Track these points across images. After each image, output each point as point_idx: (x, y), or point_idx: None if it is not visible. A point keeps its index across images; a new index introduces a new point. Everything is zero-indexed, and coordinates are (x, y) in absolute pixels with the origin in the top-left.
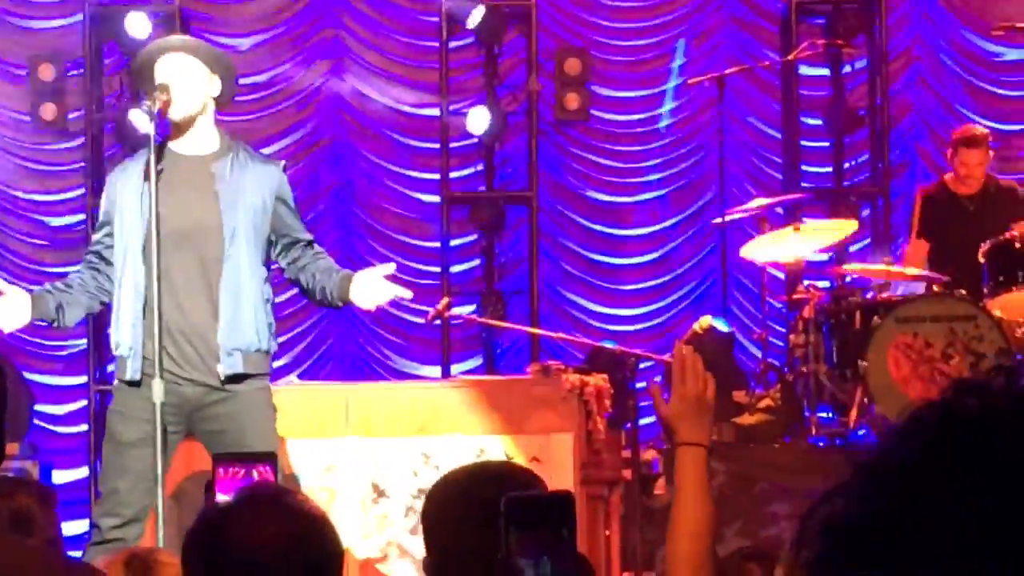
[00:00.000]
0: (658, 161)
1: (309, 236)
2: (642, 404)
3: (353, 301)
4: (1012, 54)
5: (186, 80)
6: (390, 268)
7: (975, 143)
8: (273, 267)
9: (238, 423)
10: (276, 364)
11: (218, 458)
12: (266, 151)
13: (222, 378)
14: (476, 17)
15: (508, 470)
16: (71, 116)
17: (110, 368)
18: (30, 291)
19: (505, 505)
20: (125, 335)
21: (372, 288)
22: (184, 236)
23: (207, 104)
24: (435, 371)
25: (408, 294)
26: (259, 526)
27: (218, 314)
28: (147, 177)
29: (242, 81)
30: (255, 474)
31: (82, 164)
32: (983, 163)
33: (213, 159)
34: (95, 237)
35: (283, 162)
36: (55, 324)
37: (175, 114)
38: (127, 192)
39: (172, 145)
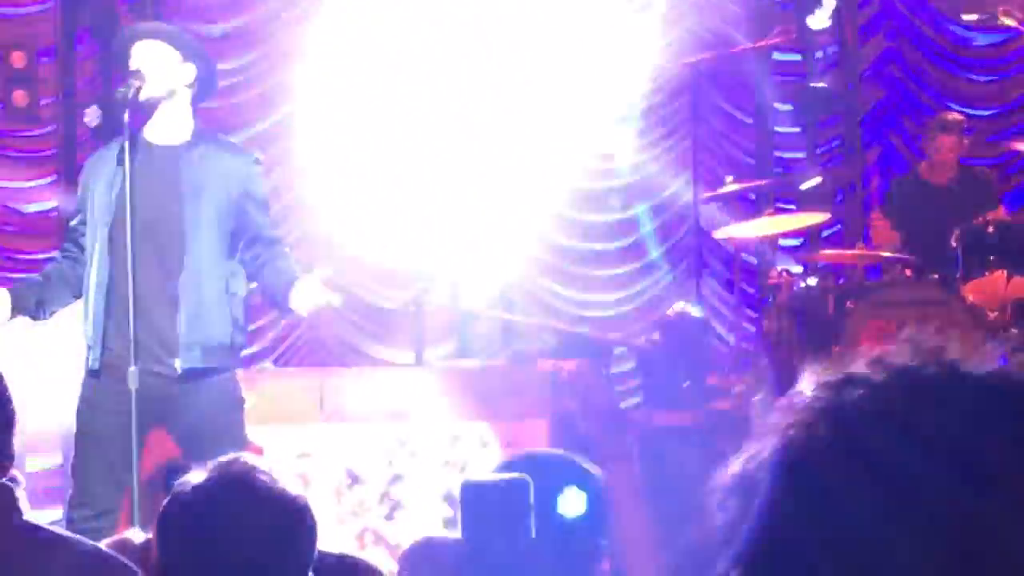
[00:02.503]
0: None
1: (274, 234)
2: (617, 389)
3: (293, 310)
4: (982, 39)
5: (154, 65)
6: (327, 272)
7: (950, 129)
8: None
9: (203, 415)
10: (251, 350)
11: (171, 470)
12: (244, 134)
13: (179, 372)
14: None
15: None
16: (43, 103)
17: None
18: (8, 285)
19: (461, 491)
20: (88, 325)
21: (307, 294)
22: (147, 227)
23: (177, 91)
24: (409, 357)
25: (338, 301)
26: (232, 506)
27: (176, 307)
28: (120, 163)
29: (220, 67)
30: None
31: (54, 151)
32: (956, 149)
33: (182, 150)
34: (71, 224)
35: (256, 155)
36: (36, 319)
37: (152, 92)
38: (98, 180)
39: (145, 133)
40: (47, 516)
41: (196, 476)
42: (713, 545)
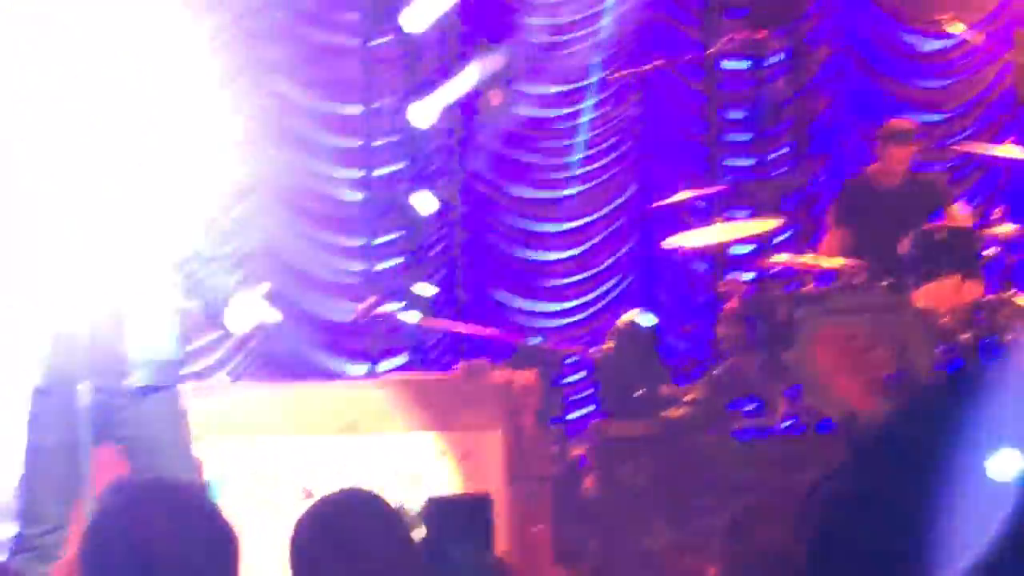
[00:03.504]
0: (580, 156)
1: (212, 251)
2: (570, 399)
3: (228, 325)
4: (930, 44)
5: None
6: (265, 287)
7: (904, 139)
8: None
9: (149, 429)
10: (206, 362)
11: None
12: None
13: (132, 390)
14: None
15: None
16: None
17: None
18: None
19: (424, 508)
20: (38, 340)
21: (244, 311)
22: None
23: None
24: (362, 369)
25: (277, 317)
26: (147, 517)
27: (123, 325)
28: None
29: None
30: None
31: None
32: (907, 159)
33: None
34: None
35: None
36: None
37: None
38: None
39: None
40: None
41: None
42: None
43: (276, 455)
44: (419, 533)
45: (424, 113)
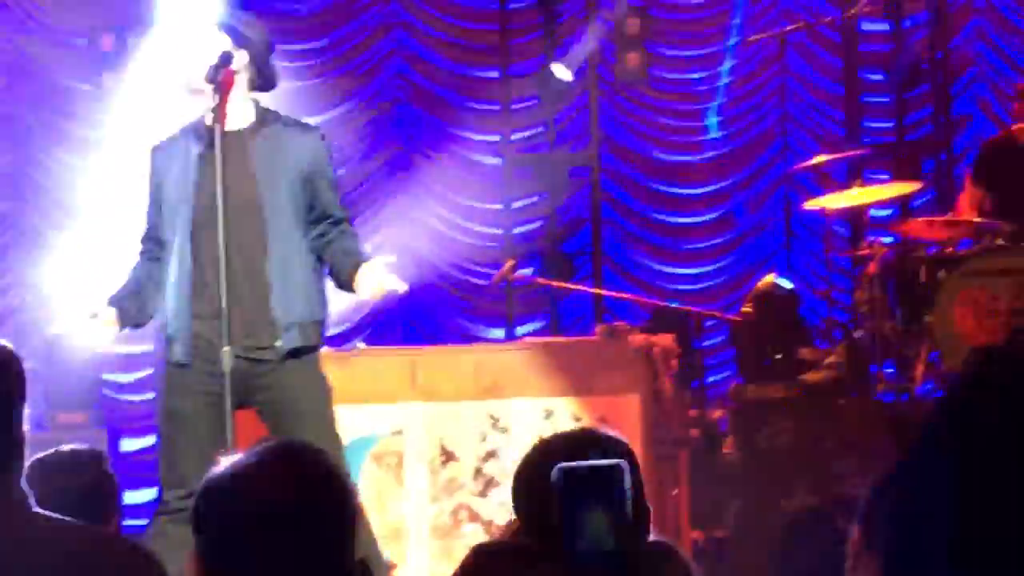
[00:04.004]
0: (719, 119)
1: (342, 213)
2: (708, 363)
3: (356, 292)
4: None
5: (206, 54)
6: (391, 259)
7: None
8: None
9: (290, 394)
10: (340, 329)
11: None
12: (327, 116)
13: (282, 353)
14: None
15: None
16: None
17: None
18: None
19: (556, 476)
20: (172, 316)
21: (371, 279)
22: (227, 214)
23: (236, 79)
24: (499, 333)
25: (403, 288)
26: (269, 480)
27: (267, 289)
28: (191, 150)
29: (301, 46)
30: None
31: None
32: None
33: (249, 134)
34: (146, 220)
35: (321, 130)
36: (140, 327)
37: (184, 88)
38: (171, 172)
39: (208, 122)
40: (141, 496)
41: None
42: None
43: (414, 419)
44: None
45: (564, 71)
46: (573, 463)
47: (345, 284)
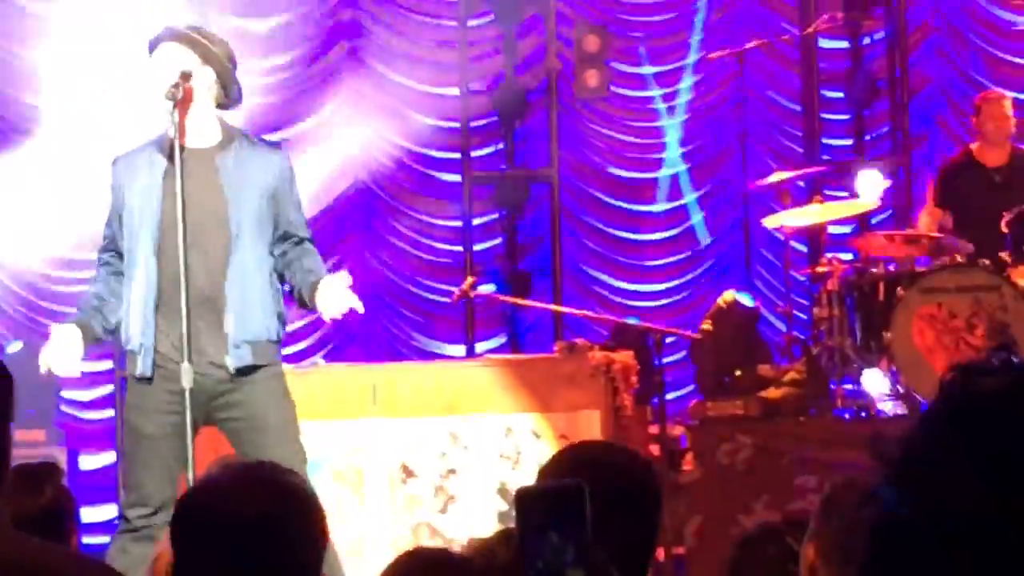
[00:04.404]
0: (678, 136)
1: (305, 233)
2: (668, 380)
3: (316, 310)
4: None
5: (170, 70)
6: (345, 278)
7: (996, 97)
8: None
9: (254, 411)
10: (301, 346)
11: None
12: (285, 133)
13: (231, 370)
14: None
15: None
16: None
17: None
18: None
19: (516, 499)
20: (135, 331)
21: (331, 296)
22: (193, 230)
23: (203, 96)
24: (459, 350)
25: (360, 307)
26: (239, 498)
27: (224, 306)
28: (170, 159)
29: (260, 63)
30: None
31: None
32: (1008, 117)
33: (216, 151)
34: (107, 232)
35: (284, 150)
36: (102, 342)
37: (206, 104)
38: (135, 186)
39: (173, 138)
40: (100, 514)
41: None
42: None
43: (374, 436)
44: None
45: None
46: (532, 486)
47: (306, 302)
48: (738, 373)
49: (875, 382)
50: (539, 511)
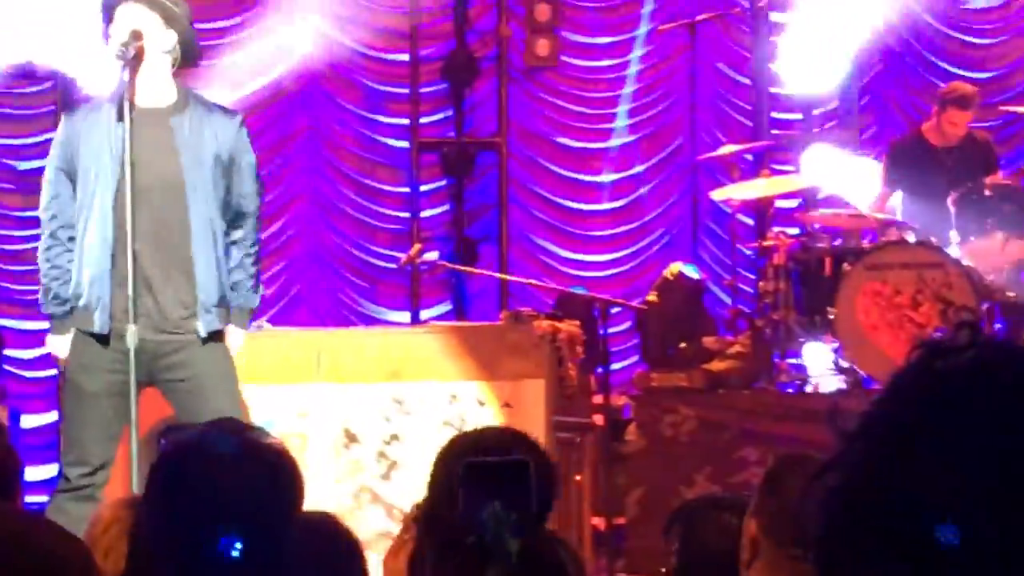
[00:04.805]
0: (627, 107)
1: (252, 206)
2: (613, 350)
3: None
4: (977, 1)
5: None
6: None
7: (967, 104)
8: None
9: (199, 371)
10: None
11: (168, 431)
12: (235, 96)
13: (202, 335)
14: None
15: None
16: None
17: None
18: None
19: (462, 471)
20: (89, 285)
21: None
22: (147, 191)
23: (162, 57)
24: (404, 317)
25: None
26: (220, 457)
27: (191, 270)
28: (120, 118)
29: (211, 26)
30: None
31: (52, 108)
32: (966, 128)
33: (171, 112)
34: (53, 192)
35: (241, 115)
36: None
37: (160, 60)
38: (93, 142)
39: (123, 96)
40: (40, 474)
41: (187, 432)
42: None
43: (319, 401)
44: None
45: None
46: (479, 459)
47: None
48: (683, 345)
49: (816, 356)
50: (484, 483)
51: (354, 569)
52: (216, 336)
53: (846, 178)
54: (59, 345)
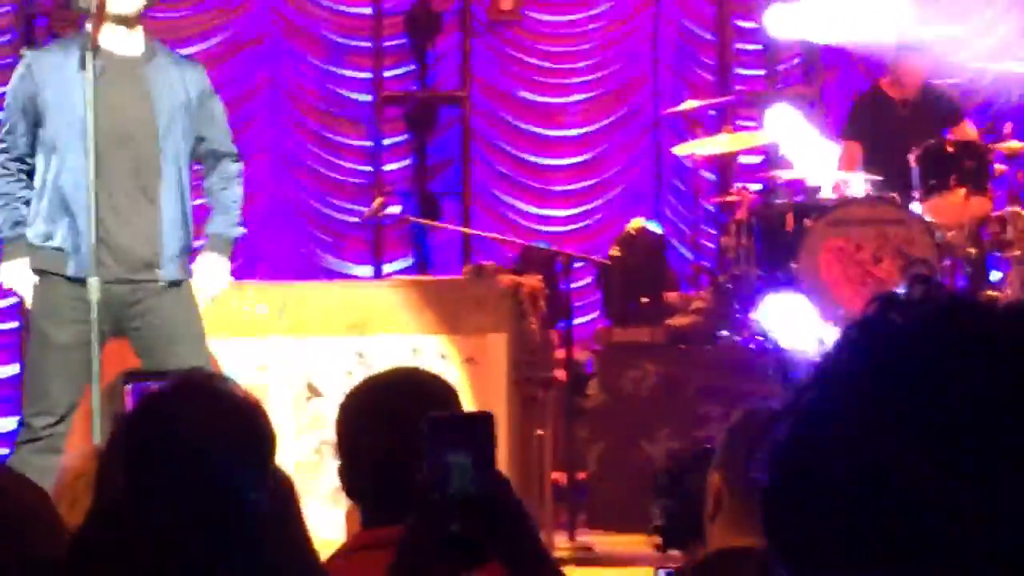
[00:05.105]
0: (591, 62)
1: (230, 149)
2: (575, 305)
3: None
4: None
5: None
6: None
7: (921, 52)
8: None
9: (166, 320)
10: None
11: (129, 376)
12: (195, 49)
13: (164, 283)
14: None
15: (423, 380)
16: (2, 10)
17: None
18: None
19: (425, 425)
20: (62, 230)
21: (209, 274)
22: (119, 137)
23: (131, 8)
24: (367, 271)
25: (207, 303)
26: (193, 410)
27: (159, 217)
28: (83, 67)
29: None
30: None
31: (13, 60)
32: (924, 71)
33: (141, 61)
34: (14, 134)
35: (202, 66)
36: None
37: (122, 8)
38: (57, 87)
39: (100, 42)
40: (2, 425)
41: (157, 385)
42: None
43: (281, 354)
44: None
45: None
46: (441, 413)
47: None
48: (645, 300)
49: (776, 311)
50: (446, 436)
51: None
52: (183, 286)
53: (805, 141)
54: (9, 274)
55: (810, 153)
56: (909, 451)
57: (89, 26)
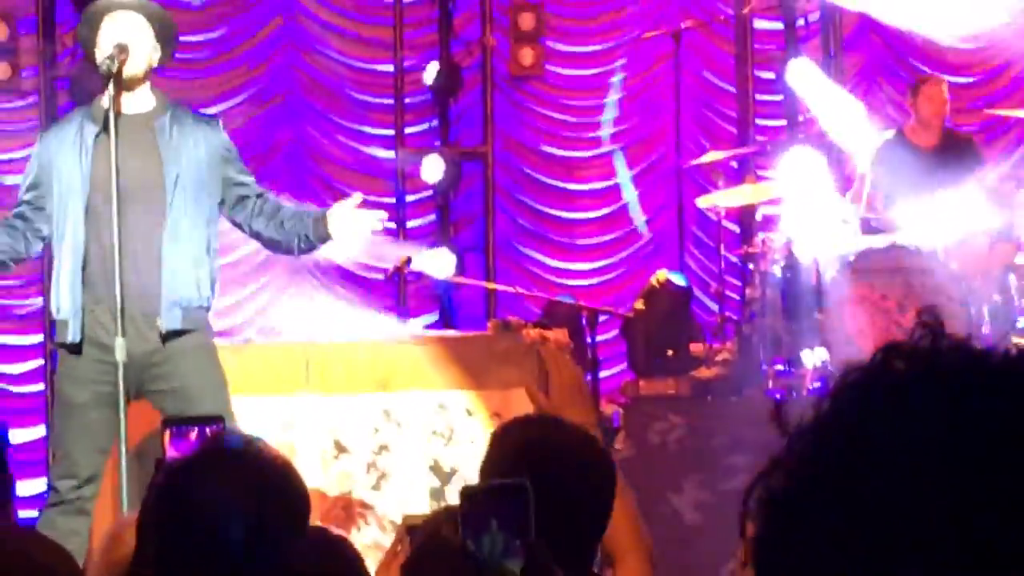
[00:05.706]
0: (613, 115)
1: (261, 189)
2: (600, 358)
3: (333, 238)
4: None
5: (135, 40)
6: (358, 198)
7: (935, 80)
8: (224, 226)
9: (185, 381)
10: (234, 321)
11: (168, 422)
12: (219, 108)
13: (163, 331)
14: None
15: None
16: (24, 75)
17: None
18: None
19: (461, 496)
20: (65, 298)
21: (350, 221)
22: (128, 194)
23: (142, 66)
24: (391, 322)
25: (382, 215)
26: (223, 481)
27: (159, 268)
28: (106, 128)
29: (195, 38)
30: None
31: (36, 122)
32: (945, 101)
33: (153, 117)
34: (23, 197)
35: (219, 122)
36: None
37: (128, 70)
38: (64, 153)
39: (105, 106)
40: (31, 488)
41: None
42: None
43: (308, 412)
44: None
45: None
46: (478, 483)
47: (305, 245)
48: (670, 352)
49: (813, 361)
50: (482, 506)
51: None
52: (199, 343)
53: (823, 181)
54: None
55: (825, 198)
56: (900, 496)
57: (108, 92)
